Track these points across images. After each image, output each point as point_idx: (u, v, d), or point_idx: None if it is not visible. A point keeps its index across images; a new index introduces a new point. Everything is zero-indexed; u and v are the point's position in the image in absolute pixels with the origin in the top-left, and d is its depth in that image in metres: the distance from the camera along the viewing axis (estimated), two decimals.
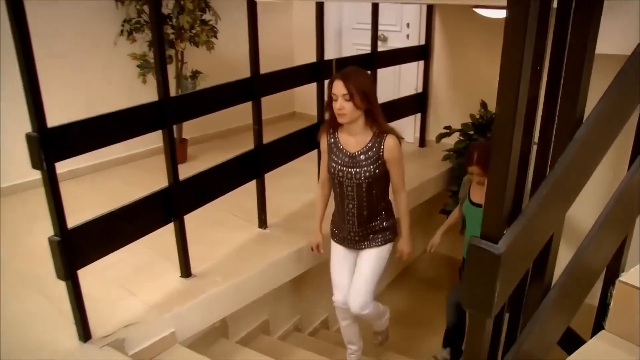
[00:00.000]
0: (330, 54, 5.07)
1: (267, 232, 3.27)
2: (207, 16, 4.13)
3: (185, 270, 2.77)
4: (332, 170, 2.56)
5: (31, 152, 2.02)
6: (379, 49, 4.19)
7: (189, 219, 2.72)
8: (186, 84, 4.21)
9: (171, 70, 4.18)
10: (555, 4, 1.21)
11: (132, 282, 2.74)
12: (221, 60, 4.45)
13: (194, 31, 4.05)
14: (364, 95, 2.36)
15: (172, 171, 2.57)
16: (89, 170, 4.15)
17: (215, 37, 4.16)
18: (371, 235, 2.65)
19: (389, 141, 2.46)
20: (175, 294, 2.64)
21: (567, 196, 1.17)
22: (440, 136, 4.06)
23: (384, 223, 2.65)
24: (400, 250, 2.75)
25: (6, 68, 3.23)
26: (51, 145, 2.03)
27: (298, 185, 3.75)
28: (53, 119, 2.04)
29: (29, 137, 2.00)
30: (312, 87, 3.47)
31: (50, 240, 2.10)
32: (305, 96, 5.02)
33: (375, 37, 3.91)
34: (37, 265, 2.78)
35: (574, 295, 1.43)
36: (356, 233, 2.65)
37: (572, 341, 1.99)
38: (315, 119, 3.54)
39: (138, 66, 4.07)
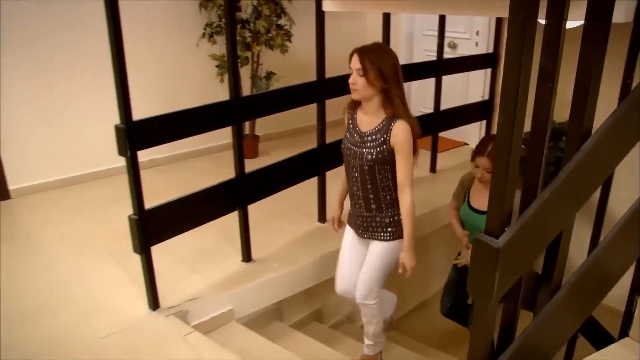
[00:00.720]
0: (401, 60, 5.19)
1: (325, 226, 3.47)
2: (282, 21, 4.39)
3: (246, 255, 3.02)
4: (343, 146, 2.48)
5: (118, 141, 2.32)
6: (449, 56, 4.29)
7: (253, 209, 2.96)
8: (260, 84, 4.49)
9: (248, 70, 4.49)
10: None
11: (198, 262, 3.03)
12: (294, 62, 4.69)
13: (269, 35, 4.32)
14: (379, 72, 2.21)
15: (239, 164, 2.82)
16: (169, 160, 4.54)
17: (290, 41, 4.42)
18: (378, 228, 2.47)
19: (398, 125, 2.27)
20: (236, 276, 2.90)
21: (571, 200, 1.29)
22: None
23: (392, 218, 2.44)
24: (401, 263, 2.43)
25: (97, 68, 3.63)
26: (135, 135, 2.32)
27: None
28: (139, 113, 2.34)
29: (117, 128, 2.30)
30: None
31: (130, 219, 2.40)
32: None
33: (441, 45, 4.02)
34: (118, 241, 3.13)
35: (585, 296, 1.52)
36: (364, 219, 2.50)
37: (603, 339, 2.06)
38: None
39: (217, 66, 4.39)
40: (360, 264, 2.59)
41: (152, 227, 2.47)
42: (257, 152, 4.80)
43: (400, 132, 2.27)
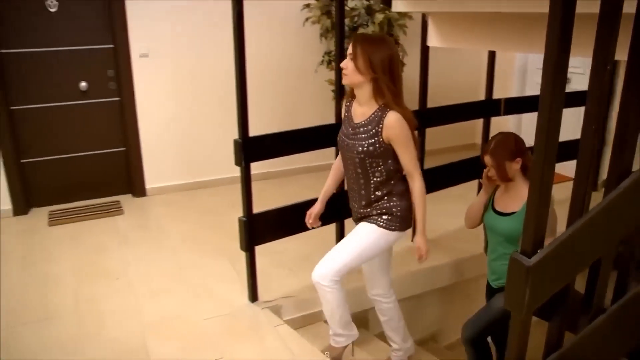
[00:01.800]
0: (513, 92, 5.30)
1: (412, 245, 3.64)
2: None
3: None
4: (338, 139, 2.45)
5: (235, 153, 2.72)
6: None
7: (350, 222, 3.24)
8: None
9: None
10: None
11: (296, 266, 3.38)
12: (407, 90, 4.93)
13: None
14: (369, 61, 2.20)
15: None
16: (280, 174, 5.01)
17: (402, 70, 4.67)
18: (369, 217, 2.44)
19: (389, 117, 2.24)
20: None
21: (609, 231, 1.42)
22: (604, 183, 4.04)
23: (386, 209, 2.39)
24: (417, 248, 2.41)
25: (225, 85, 4.15)
26: (249, 149, 2.71)
27: (456, 210, 4.07)
28: (260, 128, 2.73)
29: (235, 142, 2.70)
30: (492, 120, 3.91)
31: (239, 220, 2.79)
32: None
33: None
34: (230, 241, 3.56)
35: (627, 327, 1.62)
36: (356, 212, 2.50)
37: None
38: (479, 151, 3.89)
39: (332, 91, 4.76)
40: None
41: (258, 229, 2.84)
42: None
43: (395, 125, 2.25)
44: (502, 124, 4.67)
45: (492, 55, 3.69)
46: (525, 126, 5.38)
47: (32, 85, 4.23)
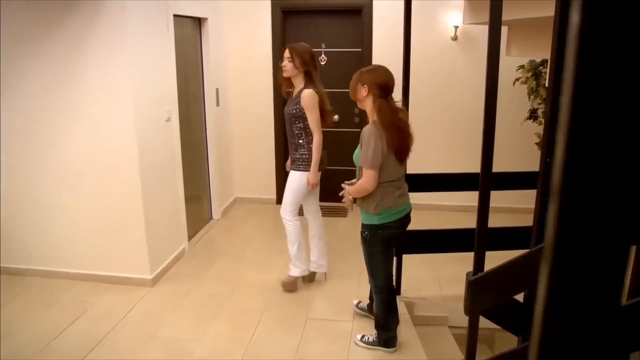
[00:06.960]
0: None
1: None
2: None
3: None
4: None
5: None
6: None
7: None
8: None
9: None
10: None
11: (444, 280, 4.25)
12: None
13: None
14: (302, 59, 3.67)
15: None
16: (441, 207, 5.74)
17: None
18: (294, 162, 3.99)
19: (305, 91, 3.71)
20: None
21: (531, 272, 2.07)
22: None
23: (299, 155, 4.05)
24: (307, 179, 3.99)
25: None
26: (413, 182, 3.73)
27: None
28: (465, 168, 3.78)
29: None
30: None
31: None
32: None
33: None
34: None
35: None
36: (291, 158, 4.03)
37: None
38: None
39: (536, 143, 5.30)
40: None
41: (406, 242, 3.81)
42: None
43: (306, 97, 3.70)
44: None
45: None
46: None
47: None
